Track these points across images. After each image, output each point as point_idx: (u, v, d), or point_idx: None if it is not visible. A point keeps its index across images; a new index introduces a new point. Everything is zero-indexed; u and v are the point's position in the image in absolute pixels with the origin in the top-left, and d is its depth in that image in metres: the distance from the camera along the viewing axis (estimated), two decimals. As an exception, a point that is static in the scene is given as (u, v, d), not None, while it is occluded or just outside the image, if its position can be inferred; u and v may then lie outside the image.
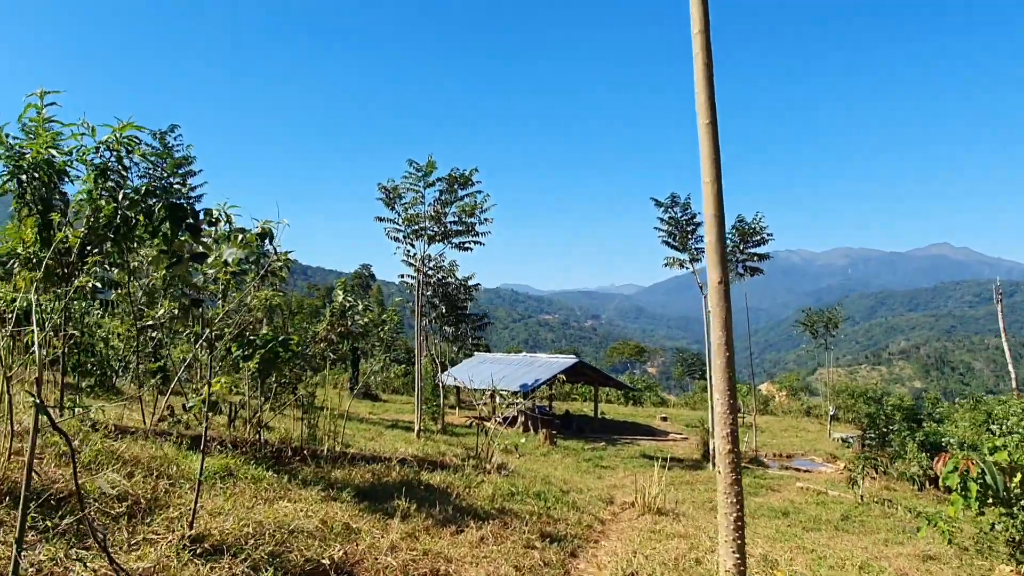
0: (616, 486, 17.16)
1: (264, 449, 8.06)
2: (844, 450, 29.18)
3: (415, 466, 9.61)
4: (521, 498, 9.26)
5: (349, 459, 9.04)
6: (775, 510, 15.29)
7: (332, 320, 11.14)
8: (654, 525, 9.79)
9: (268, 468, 7.38)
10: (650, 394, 54.60)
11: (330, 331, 11.04)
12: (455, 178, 22.17)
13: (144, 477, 5.24)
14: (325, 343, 11.12)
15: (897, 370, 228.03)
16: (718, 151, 4.54)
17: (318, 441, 9.26)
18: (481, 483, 9.42)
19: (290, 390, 10.40)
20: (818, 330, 45.34)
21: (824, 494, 18.31)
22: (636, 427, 35.16)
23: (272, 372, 8.76)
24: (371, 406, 35.22)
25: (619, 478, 19.02)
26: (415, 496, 7.73)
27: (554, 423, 29.91)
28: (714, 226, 4.59)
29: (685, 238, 21.41)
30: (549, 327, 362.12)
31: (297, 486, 6.89)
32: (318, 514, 5.88)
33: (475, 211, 22.44)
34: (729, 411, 4.41)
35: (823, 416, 45.16)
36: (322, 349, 11.07)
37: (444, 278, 28.38)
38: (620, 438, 29.29)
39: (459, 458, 11.26)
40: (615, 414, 42.31)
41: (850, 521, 14.89)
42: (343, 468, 8.61)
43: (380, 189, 22.45)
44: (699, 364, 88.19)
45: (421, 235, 22.37)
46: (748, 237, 20.65)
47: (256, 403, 11.10)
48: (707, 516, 13.90)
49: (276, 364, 8.48)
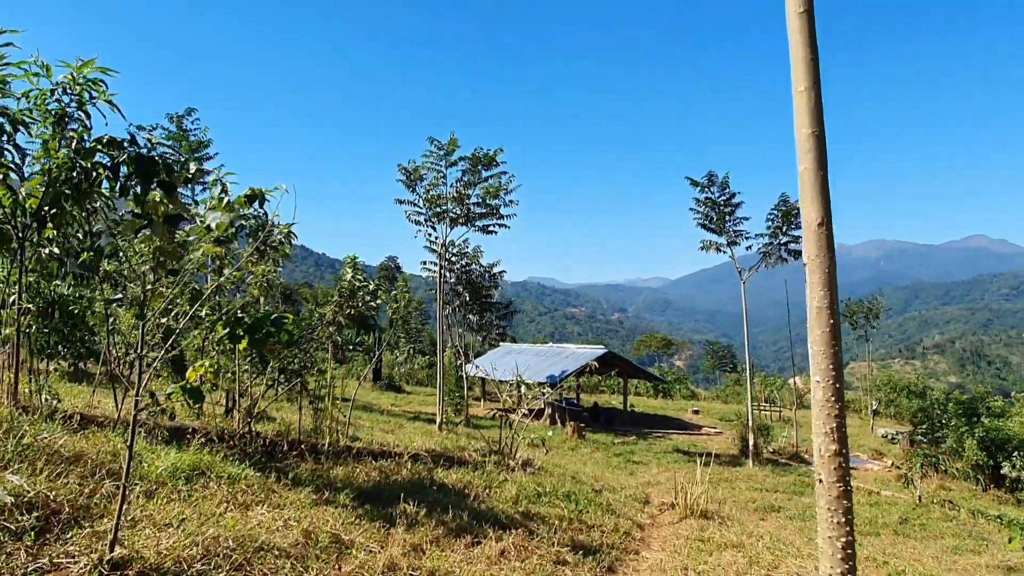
0: (650, 483, 15.97)
1: (255, 443, 7.05)
2: (889, 446, 27.62)
3: (429, 463, 8.54)
4: (549, 500, 8.14)
5: (355, 454, 8.00)
6: (825, 512, 13.95)
7: (340, 301, 10.07)
8: (700, 532, 8.61)
9: (256, 465, 6.36)
10: (680, 387, 53.04)
11: (338, 313, 9.98)
12: (479, 158, 21.05)
13: (81, 479, 4.21)
14: (334, 327, 10.06)
15: (932, 364, 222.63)
16: (814, 44, 3.36)
17: (322, 434, 8.23)
18: (503, 482, 8.32)
19: (294, 377, 9.40)
20: (857, 321, 43.39)
21: (876, 494, 16.94)
22: (667, 420, 33.83)
23: (266, 355, 7.74)
24: (394, 398, 34.38)
25: (653, 474, 17.84)
26: (426, 498, 6.66)
27: (582, 416, 28.73)
28: (813, 148, 3.40)
29: (722, 220, 20.04)
30: (576, 320, 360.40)
31: (285, 487, 5.85)
32: (302, 523, 4.82)
33: (499, 193, 21.31)
34: (834, 398, 3.24)
35: (862, 411, 43.35)
36: (330, 334, 10.01)
37: (468, 265, 27.28)
38: (651, 432, 28.04)
39: (480, 453, 10.17)
40: (645, 407, 40.98)
41: (910, 524, 13.54)
42: (347, 464, 7.58)
43: (400, 170, 21.43)
44: (729, 357, 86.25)
45: (443, 218, 21.31)
46: (792, 218, 19.22)
47: (258, 391, 10.14)
48: (754, 519, 12.69)
49: (270, 346, 7.45)
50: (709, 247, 20.40)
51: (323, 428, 8.68)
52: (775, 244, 19.87)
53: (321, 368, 10.15)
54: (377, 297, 10.20)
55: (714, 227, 20.23)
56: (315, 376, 10.59)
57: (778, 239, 19.79)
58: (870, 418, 35.09)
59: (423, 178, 21.30)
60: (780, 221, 19.42)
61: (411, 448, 10.05)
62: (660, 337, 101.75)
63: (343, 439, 8.74)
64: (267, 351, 7.67)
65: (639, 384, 50.75)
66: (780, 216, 19.34)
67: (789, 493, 16.38)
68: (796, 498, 15.84)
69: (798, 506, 14.51)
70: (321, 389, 10.13)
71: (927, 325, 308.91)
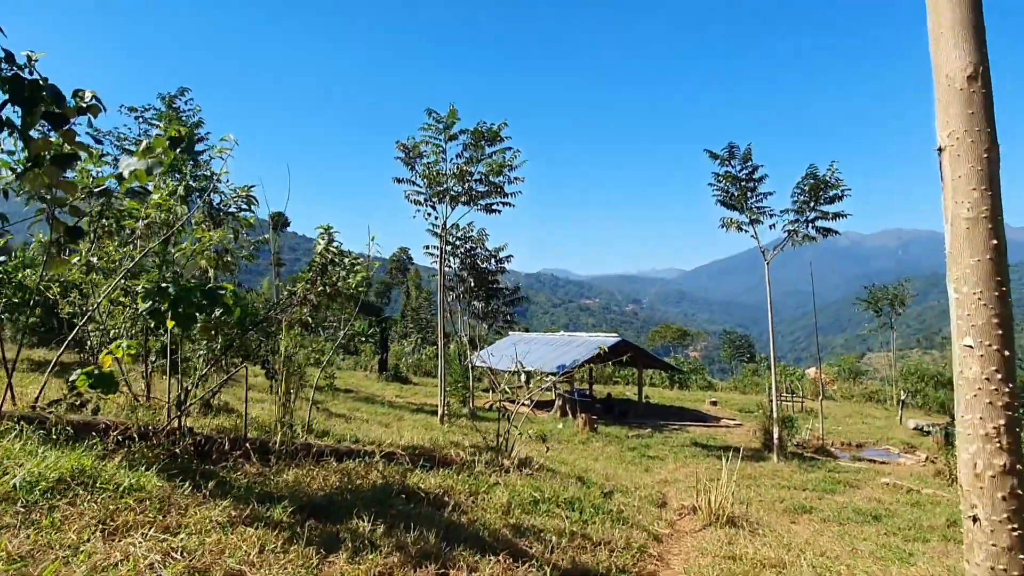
0: (667, 481, 14.60)
1: (183, 441, 5.76)
2: (921, 439, 26.03)
3: (407, 463, 7.21)
4: (547, 508, 6.79)
5: (316, 454, 6.68)
6: (863, 513, 12.53)
7: (313, 277, 8.75)
8: (728, 544, 7.25)
9: (176, 470, 5.07)
10: (697, 377, 51.44)
11: (310, 290, 8.65)
12: (482, 133, 19.64)
13: None
14: (306, 307, 8.74)
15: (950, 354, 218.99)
16: None
17: (277, 429, 6.91)
18: (493, 487, 6.99)
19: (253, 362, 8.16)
20: (882, 308, 41.62)
21: (915, 492, 15.45)
22: (684, 412, 32.39)
23: (194, 333, 6.46)
24: (399, 388, 33.19)
25: (670, 471, 16.46)
26: (390, 511, 5.35)
27: (594, 407, 27.37)
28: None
29: (744, 196, 18.51)
30: (590, 312, 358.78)
31: (200, 500, 4.53)
32: (196, 554, 3.51)
33: (503, 169, 19.89)
34: (1001, 375, 1.86)
35: (886, 401, 41.65)
36: (302, 314, 8.69)
37: (473, 248, 25.88)
38: (667, 424, 26.62)
39: (470, 452, 8.82)
40: (660, 398, 39.53)
41: (960, 528, 12.06)
42: (302, 467, 6.27)
43: (399, 147, 20.07)
44: (747, 347, 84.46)
45: (444, 197, 19.95)
46: (821, 192, 17.65)
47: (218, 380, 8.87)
48: (784, 522, 11.28)
49: (207, 326, 6.16)
50: (730, 225, 18.88)
51: (284, 422, 7.38)
52: (802, 221, 18.29)
53: (290, 354, 8.84)
54: (357, 274, 8.85)
55: (735, 204, 18.70)
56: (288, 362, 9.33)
57: (805, 215, 18.21)
58: (897, 409, 33.42)
59: (422, 155, 19.93)
60: (808, 195, 17.82)
61: (396, 444, 8.73)
62: (675, 328, 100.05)
63: (302, 435, 7.42)
64: (203, 331, 6.38)
65: (654, 375, 49.26)
66: (808, 190, 17.74)
67: (819, 491, 14.95)
68: (827, 497, 14.40)
69: (831, 507, 13.08)
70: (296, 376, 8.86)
71: (946, 315, 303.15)
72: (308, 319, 9.07)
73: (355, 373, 42.37)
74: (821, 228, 18.11)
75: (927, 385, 39.32)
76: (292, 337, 14.06)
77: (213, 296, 5.73)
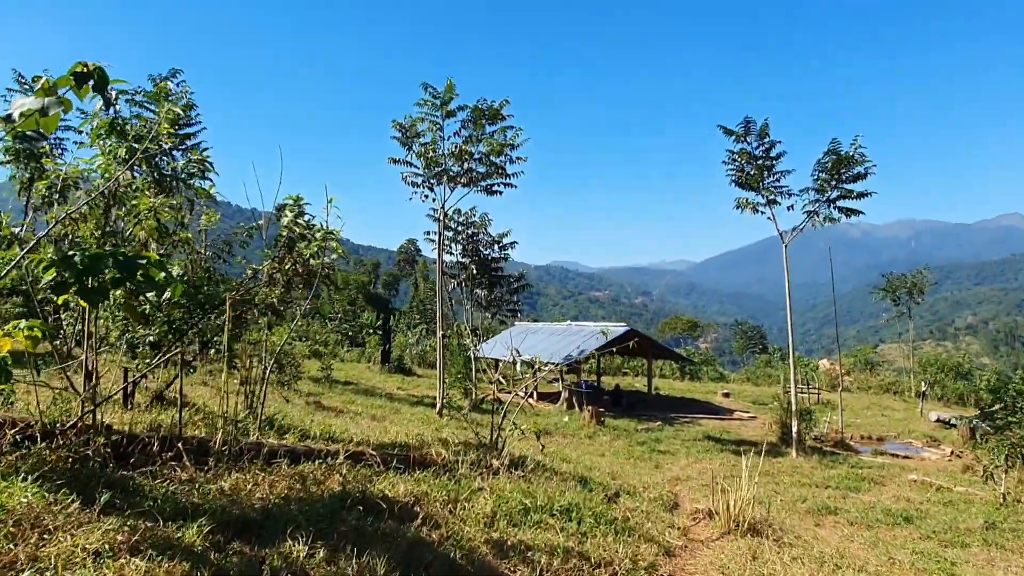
0: (679, 479, 13.57)
1: (96, 441, 4.77)
2: (943, 432, 24.84)
3: (377, 465, 6.21)
4: (540, 518, 5.78)
5: (267, 455, 5.69)
6: (892, 513, 11.46)
7: (279, 254, 7.76)
8: (752, 559, 6.22)
9: (73, 479, 4.09)
10: (708, 368, 50.25)
11: (276, 269, 7.66)
12: (482, 111, 18.55)
13: None
14: (276, 288, 7.76)
15: (964, 346, 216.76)
16: None
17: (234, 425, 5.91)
18: (477, 493, 5.98)
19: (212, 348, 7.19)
20: (900, 296, 40.29)
21: (946, 489, 14.34)
22: (695, 404, 31.29)
23: (114, 312, 5.47)
24: (401, 380, 32.27)
25: (682, 467, 15.43)
26: (341, 529, 4.35)
27: (602, 400, 26.33)
28: None
29: (760, 175, 17.33)
30: (599, 304, 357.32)
31: (80, 520, 3.54)
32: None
33: (503, 150, 18.80)
34: None
35: (903, 392, 40.39)
36: (266, 295, 7.71)
37: (475, 234, 24.78)
38: (678, 417, 25.55)
39: (459, 448, 7.81)
40: (671, 390, 38.43)
41: (1000, 531, 10.93)
42: (248, 471, 5.28)
43: (395, 126, 19.02)
44: (759, 337, 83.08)
45: (442, 178, 18.89)
46: (844, 169, 16.41)
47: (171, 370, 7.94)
48: (808, 525, 10.24)
49: (131, 306, 5.16)
50: (745, 206, 17.68)
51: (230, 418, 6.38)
52: (822, 201, 17.07)
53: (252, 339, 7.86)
54: (331, 252, 7.85)
55: (751, 183, 17.51)
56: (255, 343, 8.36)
57: (826, 195, 17.00)
58: (918, 401, 32.20)
59: (420, 135, 18.87)
60: (829, 173, 16.59)
61: (370, 442, 7.74)
62: (686, 319, 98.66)
63: (254, 432, 6.42)
64: (127, 309, 5.38)
65: (664, 366, 48.16)
66: (830, 167, 16.51)
67: (843, 489, 13.88)
68: (852, 495, 13.34)
69: (857, 507, 12.02)
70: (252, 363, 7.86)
71: (959, 306, 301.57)
72: (275, 302, 8.09)
73: (358, 365, 41.54)
74: (844, 208, 16.89)
75: (946, 376, 38.02)
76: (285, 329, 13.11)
77: (130, 267, 4.71)
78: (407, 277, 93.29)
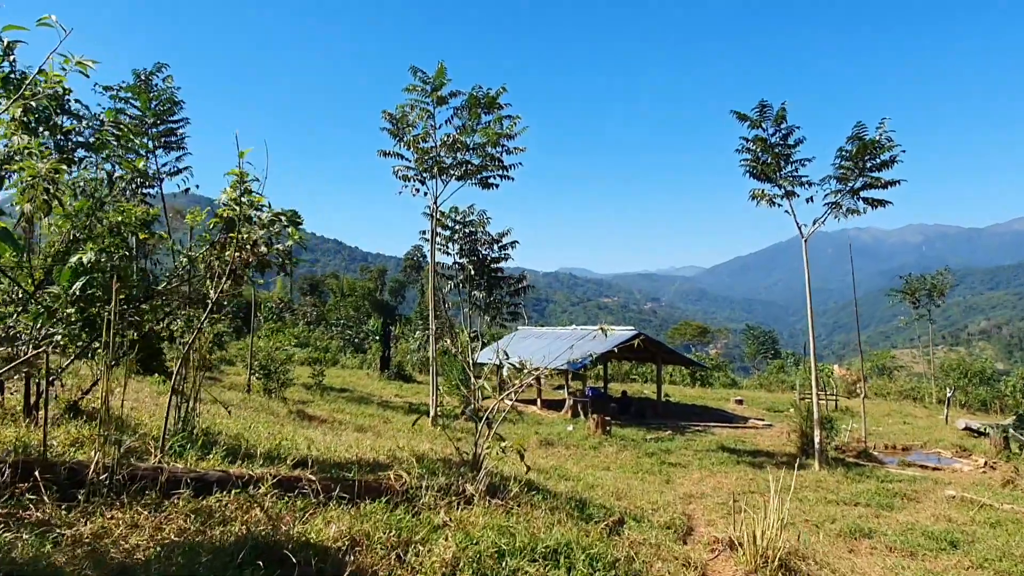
0: (692, 496, 12.19)
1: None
2: (973, 441, 23.32)
3: (317, 493, 4.91)
4: (517, 564, 4.46)
5: (167, 484, 4.41)
6: (934, 536, 10.06)
7: (221, 239, 6.52)
8: (790, 612, 4.90)
9: None
10: (720, 374, 48.68)
11: (216, 255, 6.43)
12: (477, 99, 17.30)
13: None
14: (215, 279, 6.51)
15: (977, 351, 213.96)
16: None
17: (116, 445, 4.64)
18: (439, 531, 4.68)
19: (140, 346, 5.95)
20: (919, 299, 38.70)
21: (989, 507, 12.89)
22: (707, 412, 29.84)
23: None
24: (399, 387, 30.94)
25: (694, 481, 14.06)
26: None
27: (609, 407, 24.93)
28: None
29: (778, 164, 15.96)
30: (608, 310, 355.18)
31: None
32: None
33: (499, 140, 17.52)
34: None
35: (923, 398, 38.78)
36: (227, 288, 6.47)
37: (472, 232, 23.45)
38: (689, 425, 24.14)
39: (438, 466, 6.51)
40: (681, 396, 36.97)
41: (1066, 559, 9.54)
42: (131, 508, 4.02)
43: (385, 116, 17.79)
44: (771, 342, 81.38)
45: (433, 170, 17.61)
46: (869, 156, 15.00)
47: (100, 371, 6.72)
48: (842, 551, 8.90)
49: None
50: (761, 198, 16.29)
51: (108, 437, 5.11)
52: (845, 191, 15.67)
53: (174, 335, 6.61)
54: (286, 238, 6.62)
55: (767, 173, 16.13)
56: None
57: (849, 184, 15.59)
58: (942, 408, 30.64)
59: (413, 126, 17.63)
60: (854, 160, 15.17)
61: (319, 458, 6.46)
62: (696, 325, 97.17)
63: (156, 454, 5.13)
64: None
65: (674, 372, 46.68)
66: (854, 153, 15.10)
67: (875, 506, 12.47)
68: (885, 514, 11.95)
69: (893, 528, 10.62)
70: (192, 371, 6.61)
71: (972, 311, 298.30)
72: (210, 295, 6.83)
73: (359, 371, 40.32)
74: (870, 199, 15.47)
75: (969, 382, 36.39)
76: (266, 335, 11.90)
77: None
78: (414, 283, 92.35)
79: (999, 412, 34.25)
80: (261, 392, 19.61)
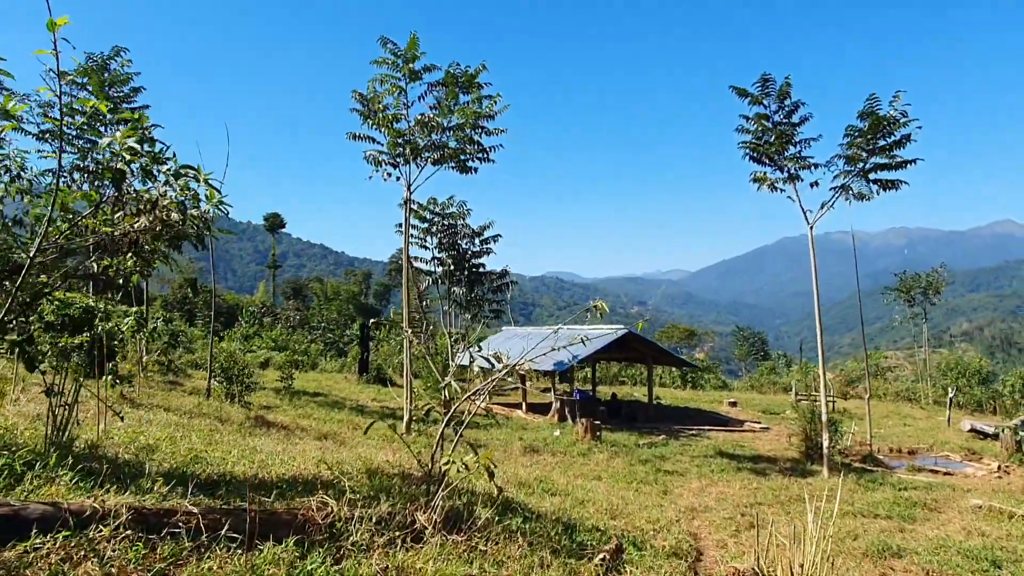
0: (696, 510, 10.79)
1: None
2: (980, 443, 22.14)
3: (192, 532, 3.46)
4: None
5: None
6: (972, 555, 8.72)
7: (106, 197, 5.07)
8: None
9: None
10: (710, 376, 47.46)
11: (107, 221, 4.97)
12: (455, 77, 15.87)
13: None
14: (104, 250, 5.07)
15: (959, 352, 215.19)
16: None
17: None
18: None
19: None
20: (915, 297, 37.63)
21: (1021, 518, 11.61)
22: (701, 414, 28.53)
23: None
24: (377, 392, 29.39)
25: (695, 491, 12.65)
26: None
27: (598, 410, 23.54)
28: None
29: (781, 145, 14.65)
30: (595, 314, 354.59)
31: None
32: None
33: (478, 121, 16.09)
34: None
35: (920, 399, 37.70)
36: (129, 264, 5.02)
37: (452, 224, 21.96)
38: (684, 429, 22.79)
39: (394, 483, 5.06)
40: (672, 399, 35.67)
41: None
42: None
43: (355, 96, 16.31)
44: (760, 344, 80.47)
45: (405, 151, 16.13)
46: (881, 133, 13.68)
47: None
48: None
49: None
50: (762, 182, 14.95)
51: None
52: (855, 173, 14.34)
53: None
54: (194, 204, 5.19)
55: (769, 155, 14.80)
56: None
57: (858, 165, 14.27)
58: (945, 409, 29.52)
59: (386, 108, 16.17)
60: (865, 137, 13.82)
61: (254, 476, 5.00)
62: (683, 328, 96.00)
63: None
64: None
65: (664, 373, 45.41)
66: (866, 130, 13.75)
67: (896, 518, 11.12)
68: (909, 527, 10.60)
69: (924, 545, 9.26)
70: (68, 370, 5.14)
71: (954, 313, 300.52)
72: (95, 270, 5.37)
73: (336, 375, 38.75)
74: (882, 181, 14.16)
75: (968, 382, 35.35)
76: (240, 337, 10.40)
77: None
78: (398, 287, 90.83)
79: (995, 413, 33.28)
80: (222, 397, 18.06)
